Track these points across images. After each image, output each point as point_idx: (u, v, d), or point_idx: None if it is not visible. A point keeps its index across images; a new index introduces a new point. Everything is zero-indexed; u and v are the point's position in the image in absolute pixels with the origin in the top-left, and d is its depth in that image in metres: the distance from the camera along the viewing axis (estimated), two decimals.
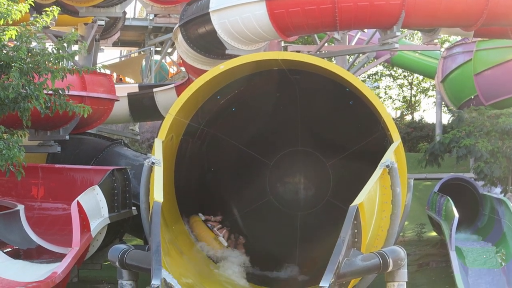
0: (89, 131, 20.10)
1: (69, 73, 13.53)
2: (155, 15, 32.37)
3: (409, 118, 39.72)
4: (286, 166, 17.06)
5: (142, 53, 36.05)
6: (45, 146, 17.76)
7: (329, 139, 16.46)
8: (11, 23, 12.89)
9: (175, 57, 37.54)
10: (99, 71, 17.70)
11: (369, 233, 11.33)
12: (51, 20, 13.56)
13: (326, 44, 20.73)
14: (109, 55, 50.35)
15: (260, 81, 15.01)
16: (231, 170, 16.79)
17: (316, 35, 22.81)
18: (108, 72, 28.11)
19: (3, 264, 12.27)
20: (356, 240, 10.68)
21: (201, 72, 17.04)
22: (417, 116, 40.13)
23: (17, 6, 12.95)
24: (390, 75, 41.15)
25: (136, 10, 37.58)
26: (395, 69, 39.29)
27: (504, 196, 17.35)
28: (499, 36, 20.26)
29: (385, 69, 40.61)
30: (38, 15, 13.54)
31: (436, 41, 19.06)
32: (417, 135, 32.90)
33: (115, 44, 30.56)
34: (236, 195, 16.83)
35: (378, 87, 41.49)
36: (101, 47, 25.30)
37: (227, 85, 14.94)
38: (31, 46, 13.45)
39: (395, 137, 13.01)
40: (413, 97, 41.13)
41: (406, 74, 39.85)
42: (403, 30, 18.61)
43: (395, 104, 41.83)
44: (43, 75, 13.06)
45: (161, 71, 36.87)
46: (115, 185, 15.45)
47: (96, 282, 16.20)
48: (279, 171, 17.07)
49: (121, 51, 41.60)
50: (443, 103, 27.98)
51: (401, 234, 18.48)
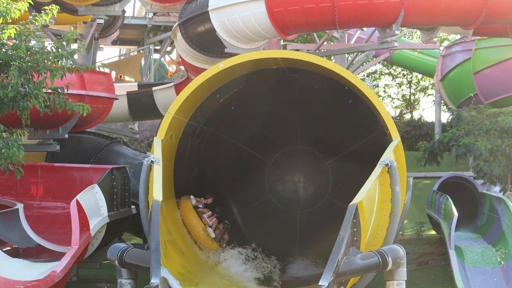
0: (88, 130, 20.05)
1: (68, 71, 13.50)
2: (154, 14, 32.20)
3: (408, 116, 39.72)
4: (285, 164, 17.06)
5: (141, 51, 36.04)
6: (44, 144, 17.75)
7: (328, 137, 16.46)
8: (10, 21, 12.85)
9: (174, 55, 37.54)
10: (98, 69, 17.68)
11: (368, 232, 11.33)
12: (50, 18, 13.53)
13: (325, 42, 20.73)
14: (108, 54, 50.47)
15: (259, 79, 15.00)
16: (230, 168, 16.79)
17: (315, 34, 22.81)
18: (107, 70, 28.12)
19: (3, 263, 12.24)
20: (355, 238, 10.69)
21: (200, 70, 17.03)
22: (416, 114, 40.18)
23: (16, 4, 12.92)
24: (389, 74, 41.14)
25: (135, 8, 37.61)
26: (394, 67, 39.28)
27: (503, 194, 17.33)
28: (498, 34, 20.24)
29: (384, 68, 40.61)
30: (37, 14, 13.52)
31: (435, 39, 19.00)
32: (416, 134, 32.86)
33: (114, 42, 30.52)
34: (235, 194, 16.83)
35: (377, 86, 41.46)
36: (100, 46, 25.28)
37: (226, 84, 14.94)
38: (30, 44, 13.42)
39: (394, 136, 13.02)
40: (412, 96, 41.13)
41: (405, 72, 39.84)
42: (402, 28, 18.61)
43: (394, 102, 41.86)
44: (42, 74, 13.04)
45: (160, 70, 36.85)
46: (115, 183, 15.44)
47: (95, 281, 16.17)
48: (279, 169, 17.08)
49: (120, 49, 41.57)
50: (442, 101, 27.95)
51: (400, 232, 18.46)
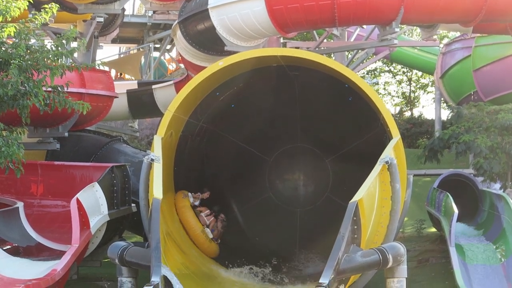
0: (88, 128, 20.06)
1: (68, 70, 13.51)
2: (154, 12, 32.23)
3: (408, 114, 39.73)
4: (285, 162, 17.06)
5: (141, 50, 36.00)
6: (44, 143, 17.75)
7: (328, 135, 16.46)
8: (10, 20, 12.86)
9: (174, 53, 37.50)
10: (98, 68, 17.68)
11: (368, 229, 11.33)
12: (50, 17, 13.55)
13: (325, 40, 20.70)
14: (108, 52, 50.38)
15: (259, 77, 14.99)
16: (230, 166, 16.79)
17: (315, 31, 22.78)
18: (106, 69, 28.11)
19: (3, 261, 12.24)
20: (355, 236, 10.69)
21: (200, 68, 17.03)
22: (416, 112, 40.17)
23: (16, 3, 12.92)
24: (389, 71, 41.14)
25: (135, 7, 37.56)
26: (394, 65, 39.27)
27: (503, 192, 17.33)
28: (498, 32, 20.25)
29: (384, 65, 40.61)
30: (37, 12, 13.53)
31: (435, 37, 18.98)
32: (416, 131, 32.88)
33: (114, 41, 30.48)
34: (235, 192, 16.83)
35: (377, 83, 41.45)
36: (100, 44, 25.26)
37: (226, 82, 14.94)
38: (30, 43, 13.44)
39: (394, 133, 13.02)
40: (412, 93, 41.12)
41: (405, 70, 39.83)
42: (402, 26, 18.57)
43: (394, 100, 41.88)
44: (42, 72, 13.05)
45: (160, 68, 36.81)
46: (115, 182, 15.43)
47: (95, 279, 16.16)
48: (279, 167, 17.07)
49: (120, 48, 41.52)
50: (442, 99, 27.95)
51: (401, 230, 18.47)
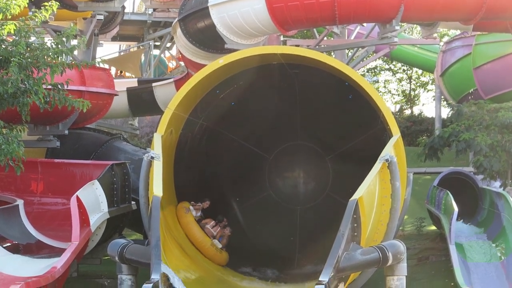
0: (88, 126, 20.06)
1: (68, 67, 13.49)
2: (154, 10, 32.32)
3: (408, 112, 39.68)
4: (285, 160, 17.05)
5: (141, 47, 36.00)
6: (44, 141, 17.74)
7: (328, 133, 16.45)
8: (10, 17, 12.85)
9: (174, 51, 37.49)
10: (98, 65, 17.65)
11: (368, 227, 11.33)
12: (50, 14, 13.53)
13: (325, 38, 20.70)
14: (108, 50, 50.45)
15: (259, 75, 14.98)
16: (230, 164, 16.78)
17: (315, 29, 22.78)
18: (106, 66, 28.08)
19: (3, 259, 12.25)
20: (355, 234, 10.69)
21: (200, 66, 17.02)
22: (416, 110, 40.15)
23: (16, 0, 12.91)
24: (389, 69, 41.11)
25: (135, 4, 37.61)
26: (394, 63, 39.25)
27: (503, 190, 17.33)
28: (498, 30, 20.24)
29: (384, 63, 40.57)
30: (37, 10, 13.51)
31: (435, 35, 19.02)
32: (416, 129, 32.86)
33: (114, 38, 30.54)
34: (235, 190, 16.82)
35: (377, 81, 41.44)
36: (100, 42, 25.27)
37: (226, 80, 14.94)
38: (30, 40, 13.41)
39: (395, 131, 13.02)
40: (412, 91, 41.09)
41: (405, 68, 39.81)
42: (402, 24, 18.58)
43: (394, 98, 41.84)
44: (42, 70, 13.03)
45: (160, 66, 36.81)
46: (115, 179, 15.43)
47: (95, 276, 16.18)
48: (279, 165, 17.06)
49: (120, 45, 41.56)
50: (443, 97, 27.95)
51: (401, 228, 18.47)
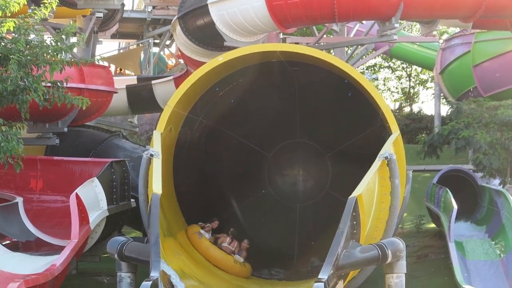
0: (88, 124, 20.06)
1: (67, 65, 13.49)
2: (154, 7, 32.34)
3: (407, 109, 39.74)
4: (284, 158, 17.03)
5: (140, 45, 35.99)
6: (44, 138, 17.74)
7: (327, 131, 16.43)
8: (9, 15, 12.84)
9: (173, 49, 37.50)
10: (97, 63, 17.67)
11: (368, 225, 11.34)
12: (49, 12, 13.53)
13: (324, 35, 20.71)
14: (107, 47, 50.37)
15: (258, 73, 14.98)
16: (229, 162, 16.76)
17: (314, 27, 22.78)
18: (106, 64, 28.10)
19: (2, 256, 12.25)
20: (355, 231, 10.69)
21: (199, 64, 17.01)
22: (415, 107, 40.23)
23: None
24: (388, 67, 41.14)
25: (134, 2, 37.59)
26: (394, 60, 39.28)
27: (503, 187, 17.34)
28: (498, 27, 20.22)
29: (384, 61, 40.60)
30: (36, 7, 13.50)
31: (434, 32, 18.97)
32: (415, 127, 32.89)
33: (114, 36, 30.48)
34: (234, 187, 16.81)
35: (376, 79, 41.46)
36: (100, 39, 25.24)
37: (225, 77, 14.93)
38: (29, 38, 13.41)
39: (394, 129, 13.02)
40: (411, 89, 41.13)
41: (404, 65, 39.84)
42: (402, 21, 18.57)
43: (393, 96, 41.87)
44: (42, 67, 13.02)
45: (160, 63, 36.81)
46: (114, 177, 15.44)
47: (95, 274, 16.20)
48: (278, 163, 17.05)
49: (120, 43, 41.51)
50: (442, 94, 27.95)
51: (400, 225, 18.48)
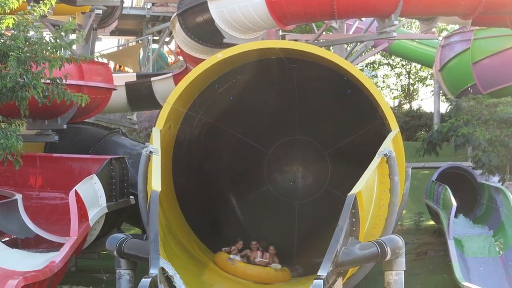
0: (87, 120, 20.05)
1: (66, 62, 13.48)
2: (153, 4, 32.28)
3: (407, 107, 39.72)
4: (284, 155, 17.05)
5: (139, 42, 35.96)
6: (43, 135, 17.72)
7: (327, 128, 16.44)
8: (8, 12, 12.83)
9: (173, 46, 37.45)
10: (96, 60, 17.64)
11: (367, 222, 11.34)
12: (48, 9, 13.52)
13: (324, 33, 20.68)
14: (106, 44, 50.20)
15: (258, 70, 14.98)
16: (229, 159, 16.78)
17: (314, 24, 22.75)
18: (105, 61, 28.05)
19: (1, 253, 12.26)
20: (354, 229, 10.70)
21: (199, 61, 17.00)
22: (415, 105, 40.17)
23: None
24: (388, 64, 41.11)
25: None
26: (393, 58, 39.25)
27: (502, 184, 17.35)
28: (497, 25, 20.23)
29: (383, 58, 40.58)
30: (35, 4, 13.49)
31: (434, 30, 18.97)
32: (415, 124, 32.88)
33: (113, 33, 30.43)
34: (234, 184, 16.83)
35: (376, 76, 41.43)
36: (99, 36, 25.24)
37: (225, 74, 14.93)
38: (29, 35, 13.41)
39: (393, 126, 13.02)
40: (411, 86, 41.11)
41: (404, 63, 39.81)
42: (401, 19, 18.54)
43: (393, 93, 41.84)
44: (41, 64, 13.02)
45: (159, 60, 36.78)
46: (113, 174, 15.44)
47: (94, 271, 16.20)
48: (277, 160, 17.05)
49: (119, 40, 41.46)
50: (441, 92, 27.96)
51: (399, 223, 18.48)
